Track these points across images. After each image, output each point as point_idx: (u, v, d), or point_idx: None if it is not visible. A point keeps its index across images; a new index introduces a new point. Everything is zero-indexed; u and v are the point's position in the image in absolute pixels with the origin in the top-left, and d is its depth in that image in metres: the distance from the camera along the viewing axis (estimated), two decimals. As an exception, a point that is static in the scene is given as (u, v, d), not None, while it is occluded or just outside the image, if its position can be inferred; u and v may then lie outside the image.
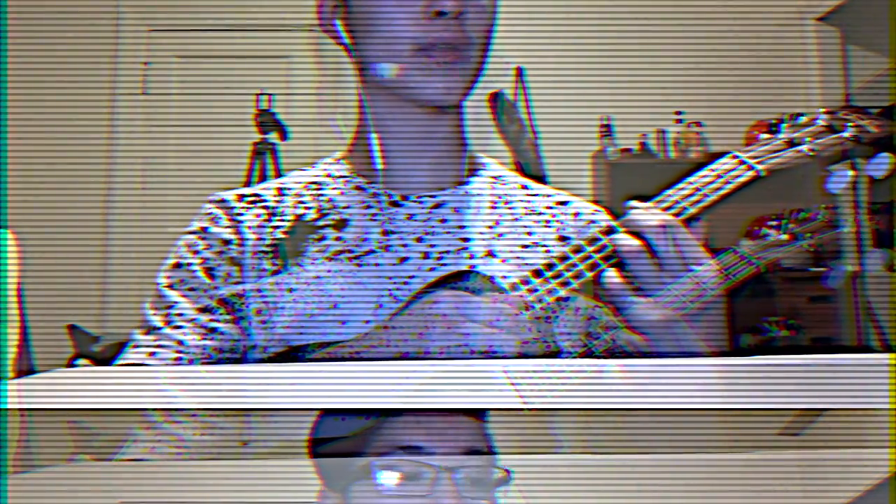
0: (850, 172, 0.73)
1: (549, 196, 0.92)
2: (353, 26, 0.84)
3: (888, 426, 0.51)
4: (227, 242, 0.84)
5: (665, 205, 0.72)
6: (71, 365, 2.64)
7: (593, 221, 0.90)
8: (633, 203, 0.71)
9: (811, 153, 0.73)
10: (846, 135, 0.74)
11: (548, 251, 0.85)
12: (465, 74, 0.82)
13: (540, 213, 0.89)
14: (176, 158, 3.31)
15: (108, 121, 3.37)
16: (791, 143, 0.73)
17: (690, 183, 0.72)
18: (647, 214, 0.69)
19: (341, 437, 0.63)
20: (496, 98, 2.87)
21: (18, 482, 0.54)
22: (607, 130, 3.27)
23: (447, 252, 0.83)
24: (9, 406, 0.52)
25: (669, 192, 0.73)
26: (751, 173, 0.71)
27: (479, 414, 0.64)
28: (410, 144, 0.86)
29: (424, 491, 0.61)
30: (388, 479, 0.62)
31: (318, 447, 0.63)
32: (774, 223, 0.76)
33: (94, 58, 3.37)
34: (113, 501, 0.56)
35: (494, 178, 0.92)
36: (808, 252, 0.73)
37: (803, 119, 0.76)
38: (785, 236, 0.74)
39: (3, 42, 3.19)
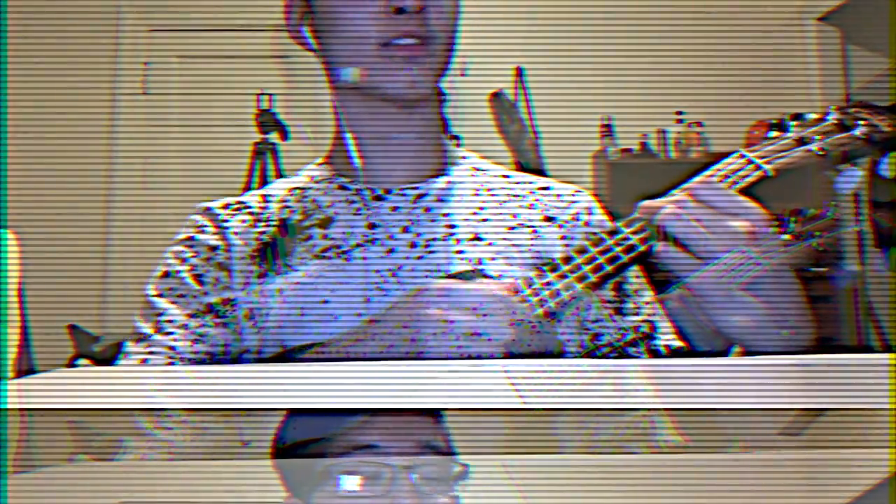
0: (861, 172, 0.71)
1: (530, 183, 0.93)
2: (318, 30, 0.86)
3: (888, 426, 0.51)
4: (213, 249, 0.85)
5: None
6: (71, 365, 2.64)
7: (575, 201, 0.91)
8: (644, 203, 0.69)
9: (821, 152, 0.70)
10: (857, 133, 0.72)
11: (534, 231, 0.86)
12: (430, 69, 0.82)
13: (523, 197, 0.90)
14: (176, 158, 3.31)
15: (108, 121, 3.37)
16: (800, 142, 0.71)
17: None
18: (656, 206, 0.68)
19: (309, 440, 0.63)
20: (497, 98, 2.87)
21: (18, 482, 0.54)
22: (608, 130, 3.27)
23: (434, 240, 0.83)
24: (9, 406, 0.52)
25: (675, 192, 0.72)
26: (758, 173, 0.69)
27: (434, 412, 0.64)
28: (386, 140, 0.87)
29: (382, 491, 0.61)
30: (350, 482, 0.62)
31: (283, 453, 0.63)
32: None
33: (94, 58, 3.37)
34: (113, 501, 0.56)
35: (475, 168, 0.93)
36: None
37: (812, 116, 0.74)
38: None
39: (3, 42, 3.19)
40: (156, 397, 0.54)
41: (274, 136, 3.01)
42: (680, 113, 3.26)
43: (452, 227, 0.85)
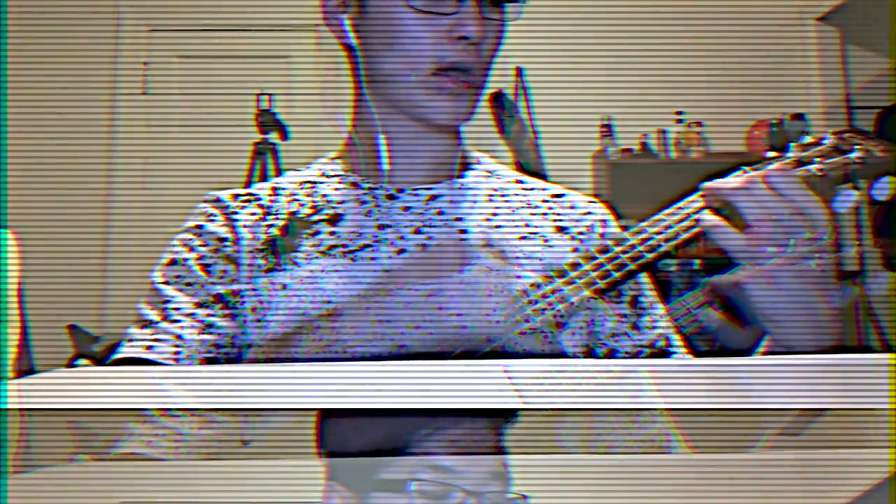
0: (856, 193, 0.74)
1: (544, 189, 0.93)
2: (367, 32, 0.84)
3: (888, 426, 0.51)
4: (222, 240, 0.85)
5: (676, 217, 0.73)
6: (71, 365, 2.64)
7: (589, 213, 0.91)
8: (706, 184, 0.72)
9: (819, 173, 0.73)
10: (853, 156, 0.75)
11: (545, 241, 0.86)
12: (474, 99, 0.83)
13: (536, 206, 0.90)
14: (176, 158, 3.31)
15: (108, 121, 3.37)
16: (799, 163, 0.74)
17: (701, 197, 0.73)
18: (723, 181, 0.71)
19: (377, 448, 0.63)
20: (497, 98, 2.87)
21: (18, 482, 0.54)
22: (608, 130, 3.27)
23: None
24: (9, 406, 0.52)
25: (681, 203, 0.73)
26: None
27: (500, 439, 0.64)
28: (409, 149, 0.87)
29: None
30: (423, 498, 0.62)
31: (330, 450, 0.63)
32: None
33: (94, 58, 3.37)
34: (113, 501, 0.56)
35: (489, 172, 0.92)
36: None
37: (809, 140, 0.77)
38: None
39: (4, 42, 3.19)
40: (158, 395, 0.55)
41: (274, 136, 3.01)
42: (680, 113, 3.26)
43: (464, 231, 0.84)
